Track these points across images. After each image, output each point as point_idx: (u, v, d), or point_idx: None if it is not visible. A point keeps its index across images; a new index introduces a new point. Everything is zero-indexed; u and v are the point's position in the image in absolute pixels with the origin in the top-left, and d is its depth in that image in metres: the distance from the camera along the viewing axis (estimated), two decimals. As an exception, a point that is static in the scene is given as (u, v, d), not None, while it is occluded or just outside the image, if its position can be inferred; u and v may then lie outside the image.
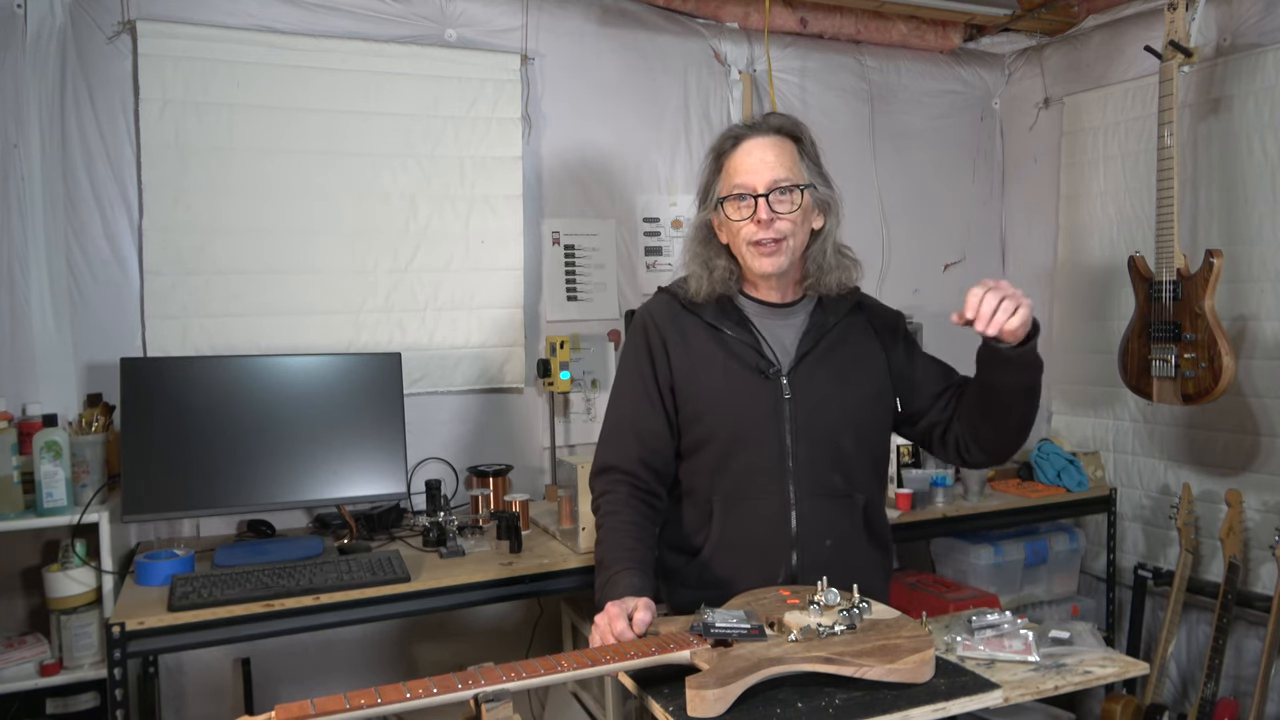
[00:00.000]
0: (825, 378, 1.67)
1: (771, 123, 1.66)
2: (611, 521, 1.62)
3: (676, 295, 1.72)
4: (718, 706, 1.22)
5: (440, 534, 2.33)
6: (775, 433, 1.61)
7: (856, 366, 1.71)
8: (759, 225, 1.59)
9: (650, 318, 1.70)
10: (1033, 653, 1.68)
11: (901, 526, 2.63)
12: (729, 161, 1.63)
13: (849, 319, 1.74)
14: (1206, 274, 2.52)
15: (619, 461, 1.66)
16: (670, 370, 1.66)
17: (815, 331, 1.69)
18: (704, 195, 1.69)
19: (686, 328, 1.67)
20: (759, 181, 1.59)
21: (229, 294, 2.49)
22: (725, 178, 1.64)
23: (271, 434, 2.25)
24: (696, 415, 1.65)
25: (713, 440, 1.64)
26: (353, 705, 1.13)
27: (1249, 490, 2.71)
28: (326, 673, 2.60)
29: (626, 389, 1.70)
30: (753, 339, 1.66)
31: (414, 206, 2.68)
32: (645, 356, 1.67)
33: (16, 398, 2.29)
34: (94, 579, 2.14)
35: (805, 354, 1.67)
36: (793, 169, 1.63)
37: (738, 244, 1.64)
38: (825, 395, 1.65)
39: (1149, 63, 2.73)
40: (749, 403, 1.63)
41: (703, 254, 1.67)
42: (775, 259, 1.61)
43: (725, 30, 3.08)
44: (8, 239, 2.29)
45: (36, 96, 2.30)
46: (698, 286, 1.67)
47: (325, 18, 2.58)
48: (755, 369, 1.64)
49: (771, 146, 1.62)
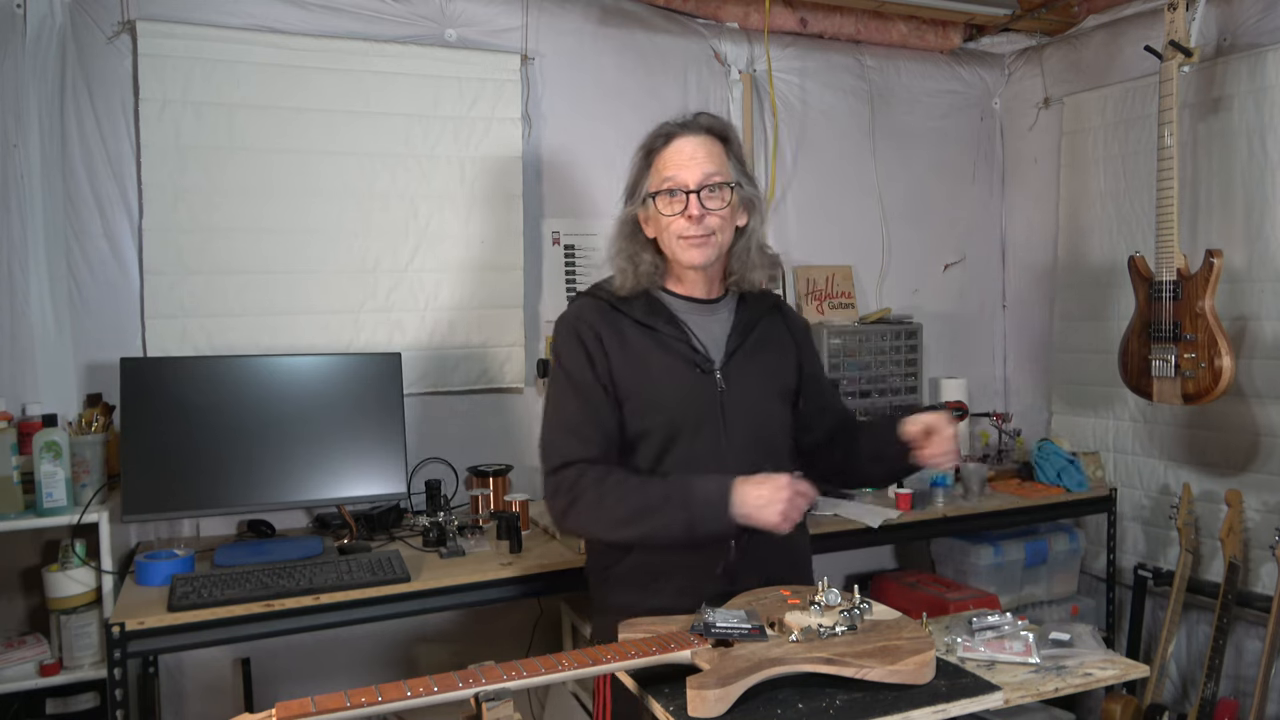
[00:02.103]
0: (753, 372, 1.71)
1: (701, 122, 1.69)
2: (619, 475, 1.60)
3: (601, 296, 1.72)
4: (718, 707, 1.22)
5: (440, 534, 2.33)
6: (711, 425, 1.63)
7: (777, 365, 1.77)
8: (690, 220, 1.62)
9: (581, 321, 1.69)
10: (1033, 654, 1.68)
11: (901, 526, 2.63)
12: (660, 158, 1.66)
13: (769, 318, 1.79)
14: (1206, 274, 2.52)
15: (583, 454, 1.62)
16: (609, 365, 1.65)
17: (742, 327, 1.73)
18: (632, 190, 1.71)
19: (618, 326, 1.68)
20: (690, 178, 1.62)
21: (229, 294, 2.49)
22: (656, 173, 1.66)
23: (271, 434, 2.25)
24: (636, 410, 1.65)
25: (652, 434, 1.65)
26: (353, 703, 1.13)
27: (1249, 490, 2.71)
28: (326, 673, 2.60)
29: (571, 393, 1.66)
30: (683, 334, 1.68)
31: (414, 206, 2.68)
32: (583, 354, 1.65)
33: (16, 398, 2.29)
34: (94, 579, 2.14)
35: (735, 349, 1.71)
36: (722, 167, 1.66)
37: (667, 237, 1.66)
38: (754, 388, 1.70)
39: (1149, 63, 2.73)
40: (686, 397, 1.65)
41: (628, 249, 1.69)
42: (704, 250, 1.65)
43: (725, 30, 3.08)
44: (8, 239, 2.29)
45: (36, 96, 2.30)
46: (623, 281, 1.69)
47: (325, 18, 2.58)
48: (690, 363, 1.67)
49: (702, 145, 1.65)
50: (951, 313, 3.53)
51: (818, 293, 3.24)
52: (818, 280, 3.25)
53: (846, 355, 3.10)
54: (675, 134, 1.66)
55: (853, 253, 3.35)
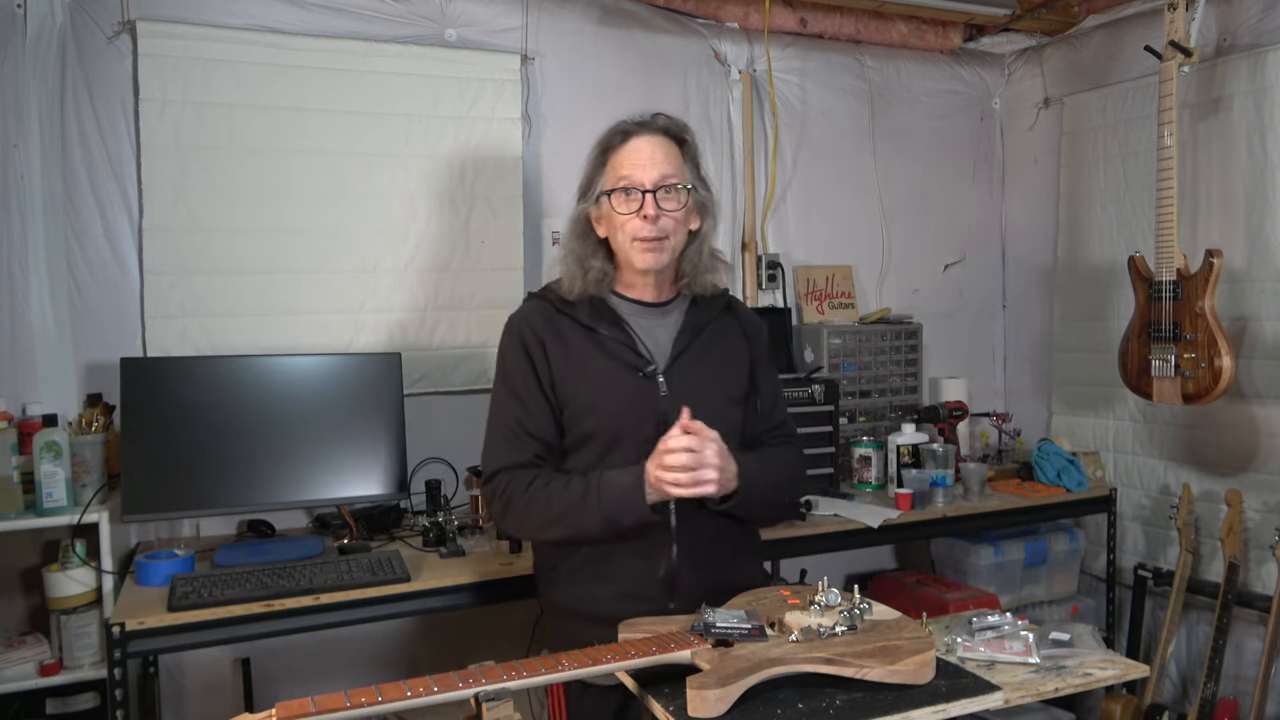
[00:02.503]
0: (699, 375, 1.70)
1: (659, 123, 1.68)
2: (544, 479, 1.62)
3: (549, 299, 1.72)
4: (718, 707, 1.22)
5: (440, 534, 2.33)
6: (653, 429, 1.60)
7: (727, 366, 1.75)
8: (645, 220, 1.61)
9: (525, 323, 1.70)
10: (1033, 654, 1.68)
11: (901, 526, 2.63)
12: (616, 156, 1.65)
13: (721, 319, 1.78)
14: (1206, 274, 2.52)
15: (513, 460, 1.65)
16: (550, 371, 1.66)
17: (690, 330, 1.72)
18: (586, 188, 1.70)
19: (562, 329, 1.68)
20: (647, 178, 1.62)
21: (229, 294, 2.49)
22: (612, 171, 1.65)
23: (271, 434, 2.25)
24: (576, 415, 1.66)
25: (593, 438, 1.66)
26: (353, 703, 1.14)
27: (1249, 490, 2.71)
28: (326, 673, 2.60)
29: (509, 395, 1.68)
30: (628, 338, 1.68)
31: (414, 206, 2.68)
32: (524, 359, 1.67)
33: (16, 398, 2.29)
34: (94, 579, 2.14)
35: (680, 352, 1.70)
36: (678, 169, 1.66)
37: (620, 238, 1.65)
38: (700, 391, 1.68)
39: (1149, 63, 2.73)
40: (626, 401, 1.64)
41: (579, 250, 1.69)
42: (658, 255, 1.64)
43: (725, 30, 3.08)
44: (8, 239, 2.29)
45: (36, 96, 2.30)
46: (570, 285, 1.68)
47: (325, 18, 2.58)
48: (632, 367, 1.66)
49: (660, 145, 1.65)
50: (951, 313, 3.53)
51: (818, 293, 3.24)
52: (818, 280, 3.25)
53: (846, 355, 3.10)
54: (633, 133, 1.65)
55: (853, 253, 3.35)
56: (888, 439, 2.90)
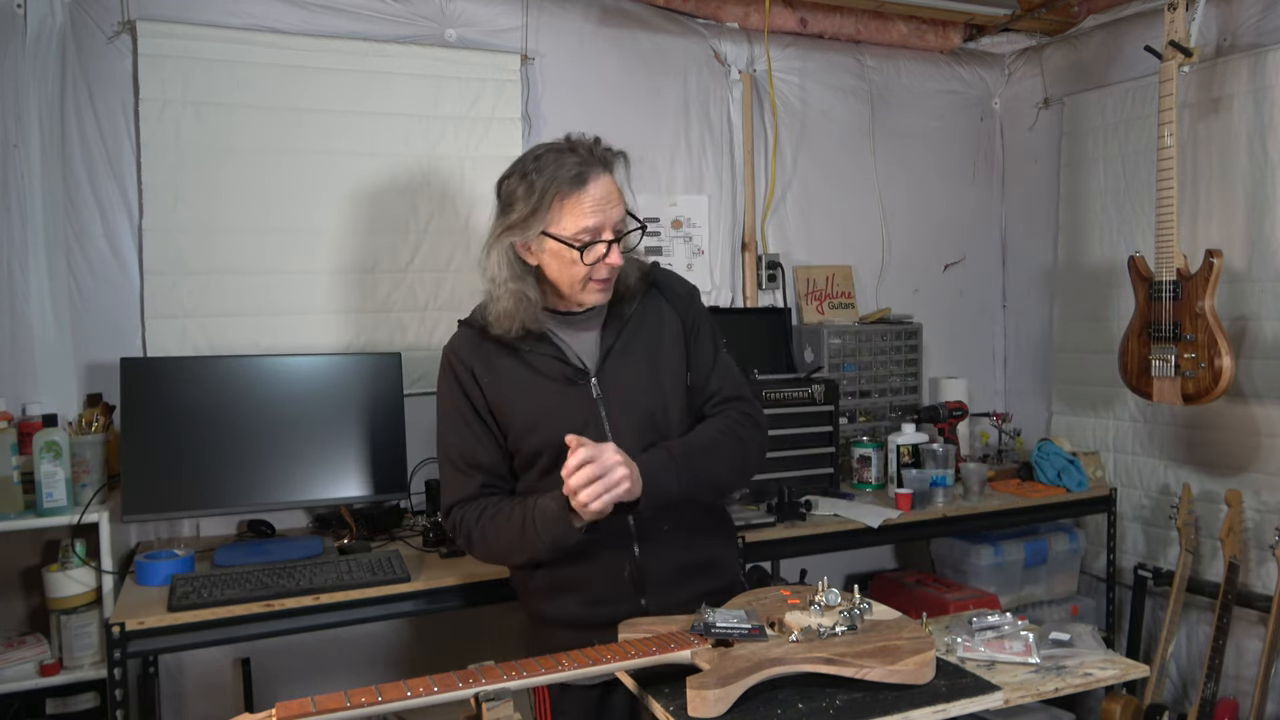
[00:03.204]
0: (633, 368, 1.68)
1: (598, 153, 1.60)
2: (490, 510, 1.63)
3: (474, 325, 1.71)
4: (718, 707, 1.22)
5: (440, 534, 2.33)
6: (594, 435, 1.59)
7: (660, 347, 1.72)
8: (608, 267, 1.60)
9: (454, 354, 1.71)
10: (1033, 654, 1.68)
11: (901, 526, 2.63)
12: (570, 202, 1.56)
13: (646, 301, 1.74)
14: (1206, 274, 2.52)
15: (466, 495, 1.67)
16: (484, 398, 1.67)
17: (614, 325, 1.71)
18: (519, 221, 1.58)
19: (490, 356, 1.67)
20: (608, 226, 1.58)
21: (229, 294, 2.49)
22: (569, 216, 1.56)
23: (271, 434, 2.25)
24: (519, 436, 1.66)
25: (539, 456, 1.66)
26: (353, 703, 1.14)
27: (1249, 490, 2.71)
28: (326, 673, 2.60)
29: (450, 428, 1.70)
30: (555, 349, 1.67)
31: (414, 206, 2.68)
32: (459, 392, 1.68)
33: (16, 398, 2.29)
34: (94, 579, 2.14)
35: (609, 349, 1.68)
36: (622, 203, 1.62)
37: (568, 277, 1.61)
38: (635, 386, 1.67)
39: (1149, 63, 2.73)
40: (563, 413, 1.63)
41: (516, 289, 1.61)
42: (608, 292, 1.65)
43: (725, 30, 3.08)
44: (8, 239, 2.29)
45: (36, 96, 2.30)
46: (508, 324, 1.62)
47: (325, 18, 2.58)
48: (563, 379, 1.66)
49: (608, 186, 1.59)
50: (951, 313, 3.53)
51: (818, 293, 3.24)
52: (818, 280, 3.25)
53: (846, 355, 3.10)
54: (586, 177, 1.56)
55: (853, 253, 3.35)
56: (888, 439, 2.90)
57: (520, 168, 1.62)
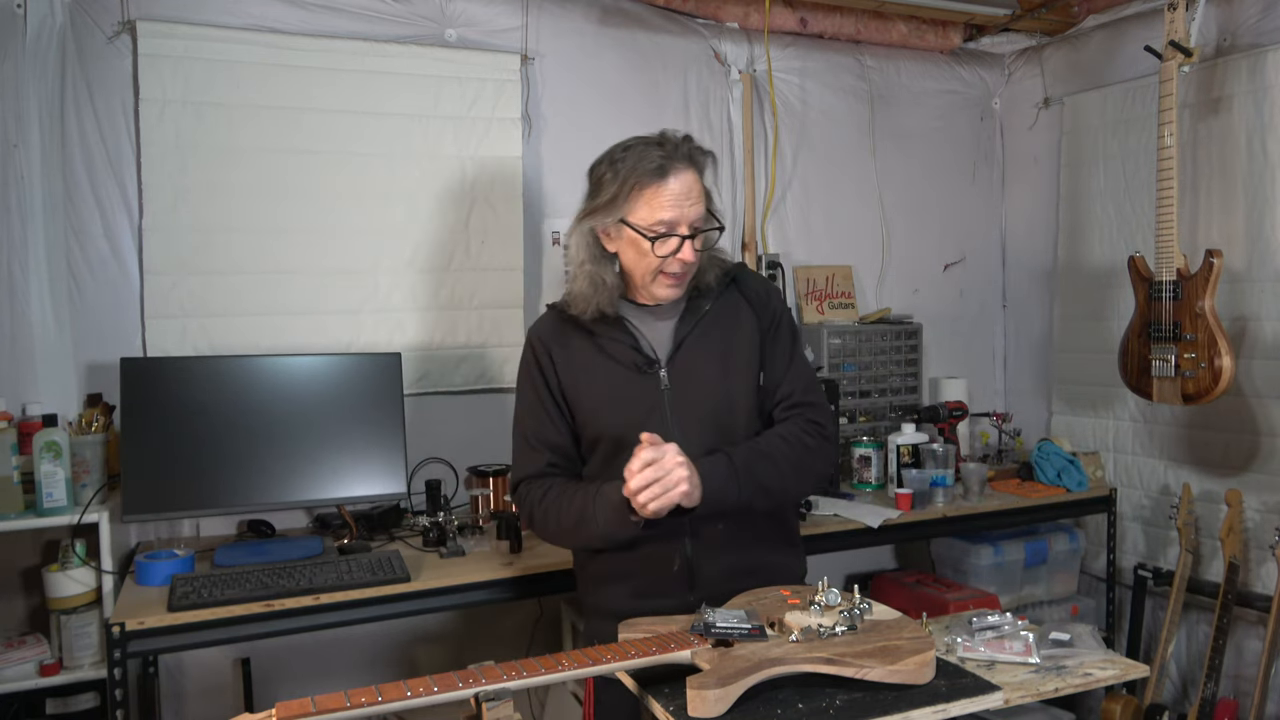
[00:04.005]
0: (703, 362, 1.69)
1: (685, 151, 1.61)
2: (555, 491, 1.65)
3: (558, 308, 1.75)
4: (718, 707, 1.22)
5: (440, 534, 2.33)
6: (659, 426, 1.60)
7: (734, 345, 1.72)
8: (681, 262, 1.61)
9: (536, 336, 1.75)
10: (1033, 654, 1.68)
11: (901, 526, 2.63)
12: (651, 193, 1.58)
13: (724, 297, 1.74)
14: (1206, 274, 2.52)
15: (533, 471, 1.71)
16: (558, 380, 1.70)
17: (690, 318, 1.71)
18: (602, 207, 1.61)
19: (568, 337, 1.71)
20: (685, 223, 1.59)
21: (229, 294, 2.49)
22: (646, 207, 1.58)
23: (271, 434, 2.25)
24: (585, 420, 1.69)
25: (601, 441, 1.68)
26: (353, 703, 1.14)
27: (1249, 490, 2.71)
28: (326, 673, 2.60)
29: (525, 406, 1.74)
30: (630, 338, 1.69)
31: (414, 206, 2.68)
32: (536, 372, 1.72)
33: (16, 398, 2.29)
34: (94, 579, 2.14)
35: (682, 341, 1.69)
36: (704, 203, 1.63)
37: (641, 267, 1.63)
38: (703, 380, 1.68)
39: (1149, 63, 2.73)
40: (629, 401, 1.66)
41: (594, 272, 1.65)
42: (680, 288, 1.67)
43: (725, 30, 3.08)
44: (8, 239, 2.29)
45: (36, 96, 2.30)
46: (584, 306, 1.67)
47: (325, 18, 2.58)
48: (634, 366, 1.67)
49: (691, 182, 1.60)
50: (951, 313, 3.53)
51: (818, 293, 3.24)
52: (818, 280, 3.25)
53: (846, 355, 3.10)
54: (669, 170, 1.58)
55: (853, 253, 3.35)
56: (888, 439, 2.90)
57: (610, 155, 1.65)
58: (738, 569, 1.66)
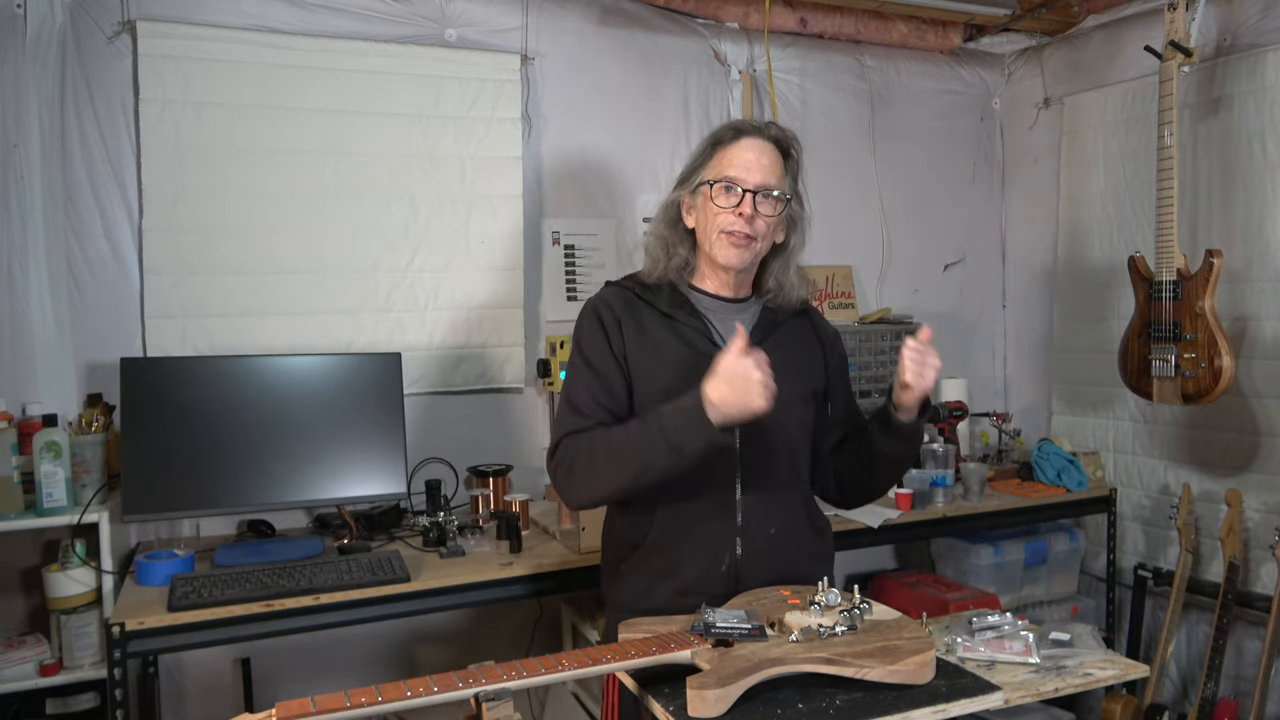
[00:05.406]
0: (775, 369, 1.65)
1: (771, 131, 1.70)
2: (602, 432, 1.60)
3: (627, 286, 1.75)
4: (718, 707, 1.22)
5: (440, 534, 2.33)
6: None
7: (801, 364, 1.75)
8: (739, 217, 1.62)
9: (604, 303, 1.72)
10: (1033, 654, 1.68)
11: (901, 526, 2.63)
12: (725, 151, 1.67)
13: (795, 321, 1.79)
14: (1206, 274, 2.52)
15: (578, 425, 1.63)
16: (625, 348, 1.67)
17: (766, 325, 1.73)
18: (687, 176, 1.71)
19: (640, 314, 1.70)
20: (751, 178, 1.63)
21: (229, 294, 2.49)
22: (717, 164, 1.67)
23: (271, 434, 2.25)
24: (648, 398, 1.64)
25: None
26: (353, 703, 1.14)
27: (1249, 490, 2.71)
28: (326, 673, 2.60)
29: (583, 365, 1.68)
30: (704, 326, 1.69)
31: (414, 206, 2.68)
32: (601, 334, 1.68)
33: (16, 398, 2.29)
34: (94, 579, 2.14)
35: (758, 344, 1.67)
36: (780, 180, 1.67)
37: (709, 229, 1.66)
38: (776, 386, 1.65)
39: (1149, 63, 2.73)
40: (690, 384, 1.59)
41: (667, 236, 1.71)
42: (742, 252, 1.65)
43: (725, 30, 3.08)
44: (8, 239, 2.29)
45: (36, 96, 2.30)
46: (652, 267, 1.71)
47: (325, 18, 2.58)
48: (707, 355, 1.64)
49: (768, 152, 1.66)
50: (951, 313, 3.53)
51: (818, 293, 3.24)
52: (818, 280, 3.25)
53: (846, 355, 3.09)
54: (746, 133, 1.67)
55: (853, 253, 3.35)
56: (888, 439, 2.89)
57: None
58: (779, 581, 1.64)
